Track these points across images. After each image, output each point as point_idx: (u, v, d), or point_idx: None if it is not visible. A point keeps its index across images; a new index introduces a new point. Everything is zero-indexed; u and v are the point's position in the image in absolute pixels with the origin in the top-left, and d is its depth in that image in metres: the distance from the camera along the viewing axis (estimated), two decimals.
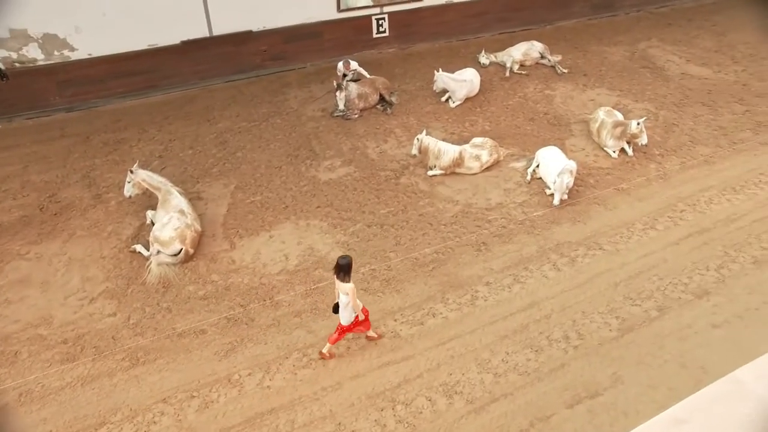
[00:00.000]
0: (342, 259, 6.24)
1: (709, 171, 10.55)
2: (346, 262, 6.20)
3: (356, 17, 14.10)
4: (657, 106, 12.78)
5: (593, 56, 15.30)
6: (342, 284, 6.29)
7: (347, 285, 6.26)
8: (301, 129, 11.55)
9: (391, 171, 10.22)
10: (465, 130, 11.47)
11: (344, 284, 6.27)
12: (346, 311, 6.47)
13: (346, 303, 6.38)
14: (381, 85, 12.10)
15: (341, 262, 6.21)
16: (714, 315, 7.54)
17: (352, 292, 6.27)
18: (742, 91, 13.49)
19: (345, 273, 6.24)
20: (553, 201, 9.32)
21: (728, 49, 15.88)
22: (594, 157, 10.75)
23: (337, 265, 6.26)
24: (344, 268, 6.21)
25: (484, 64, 13.94)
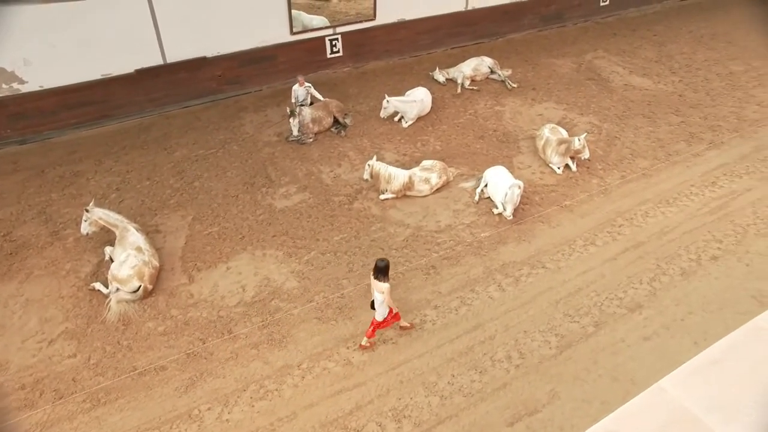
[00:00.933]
0: (380, 262, 6.90)
1: (647, 184, 11.18)
2: (384, 265, 6.88)
3: (309, 39, 14.38)
4: (601, 119, 13.41)
5: (542, 69, 15.89)
6: (378, 284, 6.95)
7: (384, 285, 6.93)
8: (257, 155, 11.80)
9: (344, 196, 10.56)
10: (417, 151, 11.88)
11: (381, 284, 6.94)
12: (381, 308, 7.16)
13: (382, 301, 7.09)
14: (335, 108, 12.42)
15: (380, 264, 6.88)
16: (645, 328, 8.10)
17: (387, 291, 6.95)
18: (678, 102, 14.23)
19: (382, 274, 6.91)
20: (504, 214, 9.79)
21: (667, 59, 16.68)
22: (540, 175, 11.27)
23: (375, 267, 6.90)
24: (382, 270, 6.89)
25: (441, 81, 14.38)
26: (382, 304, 7.12)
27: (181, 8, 12.47)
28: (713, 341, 7.98)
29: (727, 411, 6.88)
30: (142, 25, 12.30)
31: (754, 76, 15.45)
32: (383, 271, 6.89)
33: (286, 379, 7.46)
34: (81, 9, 11.47)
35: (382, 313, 7.24)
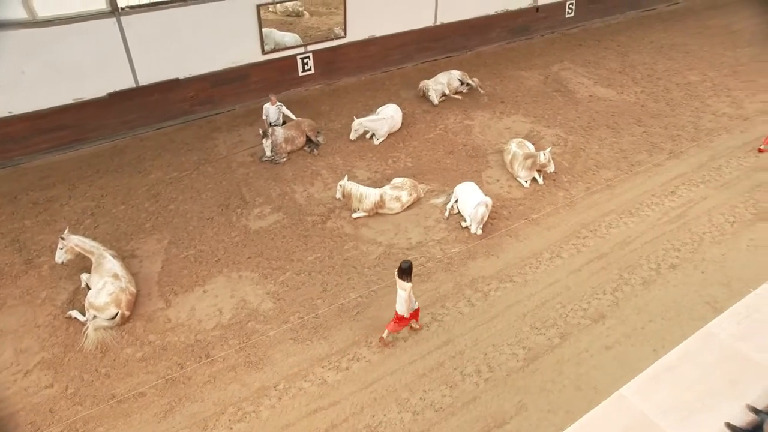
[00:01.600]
0: (404, 263, 7.52)
1: (611, 195, 11.62)
2: (408, 266, 7.49)
3: (281, 58, 14.60)
4: (567, 131, 13.85)
5: (510, 81, 16.33)
6: (402, 283, 7.56)
7: (407, 284, 7.54)
8: (231, 176, 11.97)
9: (318, 215, 10.79)
10: (388, 168, 12.17)
11: (404, 283, 7.54)
12: (404, 303, 7.68)
13: (405, 298, 7.63)
14: (307, 127, 12.65)
15: (403, 266, 7.50)
16: (607, 337, 8.48)
17: (409, 289, 7.57)
18: (640, 112, 14.77)
19: (406, 275, 7.50)
20: (471, 231, 10.12)
21: (630, 69, 17.26)
22: (508, 189, 11.64)
23: (399, 269, 7.53)
24: (406, 271, 7.49)
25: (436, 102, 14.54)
26: (405, 300, 7.67)
27: (152, 31, 12.59)
28: (670, 348, 8.50)
29: (680, 414, 7.29)
30: (113, 48, 12.39)
31: (710, 86, 16.09)
32: (407, 271, 7.49)
33: (263, 400, 7.66)
34: (50, 35, 11.53)
35: (403, 308, 7.76)
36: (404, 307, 7.75)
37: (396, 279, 7.65)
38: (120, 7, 12.17)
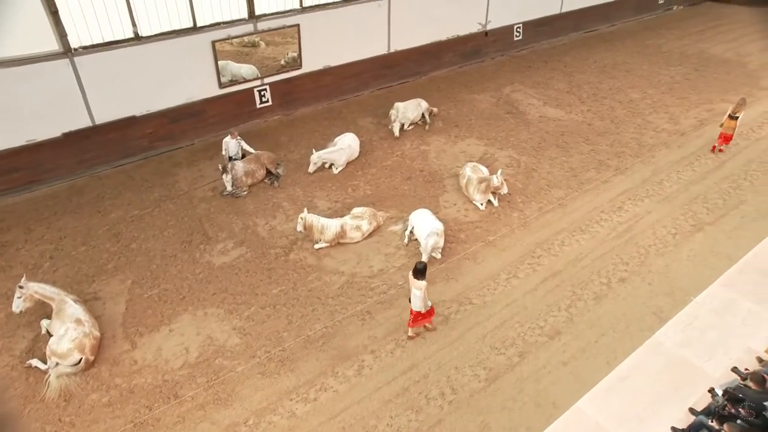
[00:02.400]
0: (419, 264, 8.18)
1: (562, 213, 12.16)
2: (422, 267, 8.17)
3: (238, 91, 14.82)
4: (519, 152, 14.43)
5: (463, 105, 16.92)
6: (416, 281, 8.23)
7: (421, 283, 8.22)
8: (193, 212, 12.04)
9: (280, 248, 10.96)
10: (348, 197, 12.45)
11: (418, 282, 8.21)
12: (420, 301, 8.36)
13: (420, 296, 8.31)
14: (266, 160, 12.84)
15: (419, 266, 8.16)
16: (564, 353, 8.89)
17: (424, 288, 8.26)
18: (587, 131, 15.51)
19: (421, 274, 8.17)
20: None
21: (577, 89, 18.11)
22: (464, 212, 12.06)
23: (414, 269, 8.19)
24: (421, 271, 8.17)
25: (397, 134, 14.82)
26: (420, 298, 8.35)
27: (106, 70, 12.65)
28: (622, 359, 8.99)
29: (633, 423, 7.73)
30: (67, 89, 12.39)
31: (650, 103, 17.03)
32: (421, 271, 8.18)
33: None
34: (1, 76, 11.46)
35: (419, 305, 8.44)
36: (420, 304, 8.44)
37: (410, 279, 8.35)
38: (73, 48, 12.20)
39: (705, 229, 11.59)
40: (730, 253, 10.83)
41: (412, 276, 8.27)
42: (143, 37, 12.93)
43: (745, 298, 9.58)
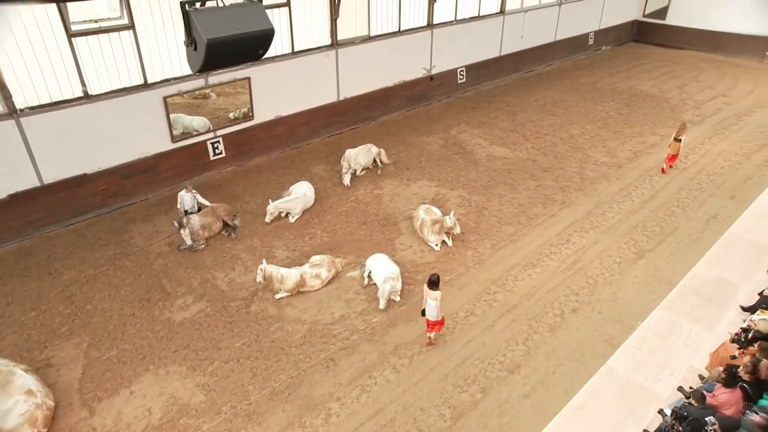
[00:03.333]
0: (433, 276, 9.13)
1: (514, 249, 12.67)
2: (436, 278, 9.11)
3: (191, 144, 14.91)
4: (469, 191, 15.00)
5: (414, 148, 17.49)
6: (431, 292, 9.12)
7: (436, 293, 9.10)
8: (150, 268, 11.92)
9: (241, 300, 10.97)
10: (305, 245, 12.62)
11: (433, 292, 9.10)
12: (434, 311, 9.24)
13: (435, 305, 9.16)
14: (222, 212, 12.91)
15: (433, 278, 9.11)
16: (524, 386, 9.19)
17: (439, 297, 9.13)
18: (533, 167, 16.30)
19: (435, 285, 9.08)
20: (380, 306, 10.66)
21: (520, 127, 19.05)
22: (420, 254, 12.41)
23: (429, 281, 9.12)
24: (435, 282, 9.09)
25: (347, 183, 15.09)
26: (435, 308, 9.19)
27: (54, 129, 12.55)
28: (579, 388, 9.37)
29: None
30: (13, 150, 12.19)
31: (588, 138, 18.10)
32: (435, 282, 9.09)
33: None
34: None
35: (435, 314, 9.30)
36: (435, 313, 9.29)
37: (426, 291, 9.23)
38: (18, 109, 12.10)
39: (646, 256, 12.31)
40: (670, 278, 11.54)
41: (427, 287, 9.18)
42: (93, 96, 12.95)
43: (685, 320, 10.20)
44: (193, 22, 5.45)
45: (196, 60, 5.86)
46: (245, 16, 5.62)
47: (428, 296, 9.19)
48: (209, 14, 5.49)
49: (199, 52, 5.59)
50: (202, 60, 5.71)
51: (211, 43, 5.43)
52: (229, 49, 5.58)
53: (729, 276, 11.44)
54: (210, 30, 5.38)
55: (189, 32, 5.61)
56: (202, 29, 5.37)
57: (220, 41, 5.41)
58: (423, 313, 9.52)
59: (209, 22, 5.44)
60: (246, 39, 5.70)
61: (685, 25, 28.24)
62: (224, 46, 5.51)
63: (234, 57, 5.96)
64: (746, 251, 12.26)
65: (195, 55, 5.74)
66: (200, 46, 5.54)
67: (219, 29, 5.43)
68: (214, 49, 5.47)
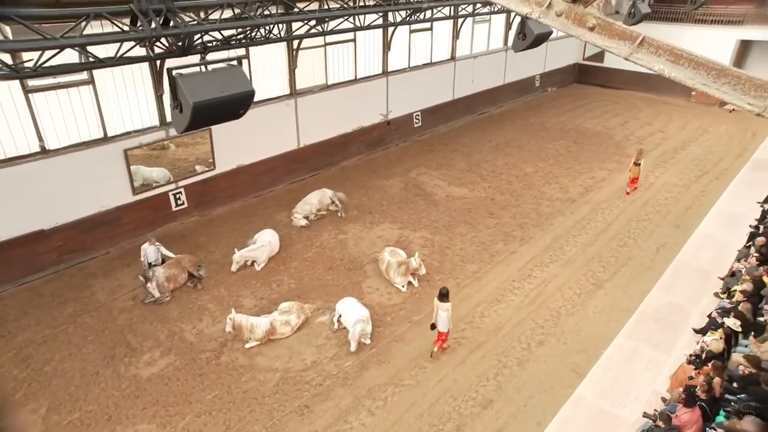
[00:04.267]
0: (443, 289, 10.17)
1: (479, 286, 13.00)
2: (446, 291, 10.17)
3: (153, 196, 14.82)
4: (432, 232, 15.37)
5: (375, 192, 17.85)
6: (442, 304, 10.07)
7: (447, 304, 10.08)
8: (113, 324, 11.63)
9: (210, 351, 10.82)
10: (273, 292, 12.61)
11: (444, 304, 10.07)
12: (446, 321, 10.23)
13: (446, 316, 10.15)
14: (187, 263, 12.80)
15: (443, 291, 10.14)
16: (497, 420, 9.35)
17: (449, 308, 10.14)
18: (491, 206, 16.87)
19: (446, 297, 10.06)
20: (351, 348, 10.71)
21: (476, 167, 19.74)
22: (388, 295, 12.57)
23: (439, 294, 10.13)
24: (445, 295, 10.08)
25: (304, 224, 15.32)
26: (446, 318, 10.17)
27: (10, 186, 12.27)
28: (550, 419, 9.58)
29: None
30: None
31: (542, 175, 18.92)
32: (445, 295, 10.09)
33: None
34: None
35: (446, 325, 10.27)
36: (446, 324, 10.24)
37: (437, 303, 10.13)
38: None
39: (604, 286, 12.85)
40: (627, 305, 12.06)
41: (438, 300, 10.10)
42: (51, 151, 12.82)
43: (645, 345, 10.66)
44: (179, 87, 5.71)
45: (181, 121, 6.11)
46: (227, 79, 5.94)
47: (439, 308, 10.12)
48: (194, 79, 5.77)
49: (185, 114, 5.85)
50: (187, 121, 5.97)
51: (197, 106, 5.72)
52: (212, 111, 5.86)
53: (680, 301, 12.06)
54: (195, 93, 5.65)
55: (175, 96, 5.87)
56: (188, 93, 5.63)
57: (205, 104, 5.70)
58: (432, 327, 10.40)
59: (194, 86, 5.72)
60: (229, 101, 5.99)
61: (620, 67, 30.13)
62: (209, 108, 5.79)
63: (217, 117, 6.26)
64: (693, 277, 12.98)
65: (180, 117, 5.98)
66: (186, 109, 5.81)
67: (204, 92, 5.71)
68: (199, 111, 5.76)
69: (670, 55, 4.01)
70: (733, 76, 3.91)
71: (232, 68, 6.20)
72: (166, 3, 5.65)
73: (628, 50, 4.11)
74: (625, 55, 4.10)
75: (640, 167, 17.41)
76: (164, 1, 5.63)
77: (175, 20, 5.78)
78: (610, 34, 4.14)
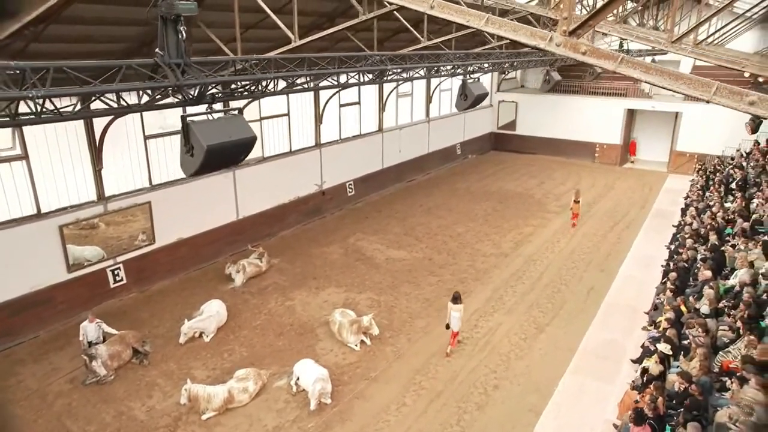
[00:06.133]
0: (456, 293, 12.18)
1: (429, 340, 13.32)
2: (459, 294, 12.17)
3: (89, 273, 14.24)
4: (377, 293, 15.69)
5: (316, 258, 18.06)
6: (455, 306, 12.02)
7: (459, 306, 12.03)
8: (49, 411, 10.79)
9: (164, 427, 10.28)
10: (225, 362, 12.29)
11: (457, 305, 12.01)
12: (458, 322, 12.20)
13: (457, 317, 12.10)
14: (132, 339, 12.27)
15: (456, 295, 12.13)
16: None
17: (461, 310, 12.10)
18: (430, 265, 17.54)
19: (458, 300, 12.02)
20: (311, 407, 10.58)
21: (411, 230, 20.55)
22: (342, 355, 12.60)
23: (453, 297, 12.10)
24: (458, 297, 12.06)
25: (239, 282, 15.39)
26: (458, 319, 12.09)
27: None
28: None
29: None
30: None
31: (474, 234, 20.02)
32: (458, 298, 12.04)
33: None
34: None
35: (458, 325, 12.25)
36: (458, 324, 12.18)
37: (450, 306, 12.08)
38: None
39: (546, 330, 13.60)
40: (569, 345, 12.82)
41: (451, 303, 11.99)
42: None
43: (590, 379, 11.37)
44: (192, 132, 6.13)
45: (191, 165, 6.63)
46: (233, 126, 6.37)
47: (452, 310, 11.94)
48: (205, 125, 6.14)
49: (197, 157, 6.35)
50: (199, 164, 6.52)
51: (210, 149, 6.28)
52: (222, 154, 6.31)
53: (615, 336, 13.02)
54: (208, 138, 6.02)
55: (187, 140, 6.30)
56: (201, 137, 5.99)
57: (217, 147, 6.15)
58: (447, 327, 12.31)
59: (206, 131, 6.09)
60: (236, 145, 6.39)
61: (531, 134, 33.08)
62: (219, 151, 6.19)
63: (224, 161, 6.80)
64: (623, 314, 14.12)
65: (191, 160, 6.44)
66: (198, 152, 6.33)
67: (215, 137, 6.10)
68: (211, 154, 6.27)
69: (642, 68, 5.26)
70: (686, 78, 5.13)
71: (236, 117, 6.61)
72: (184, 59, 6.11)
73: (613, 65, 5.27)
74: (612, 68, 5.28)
75: (579, 204, 20.66)
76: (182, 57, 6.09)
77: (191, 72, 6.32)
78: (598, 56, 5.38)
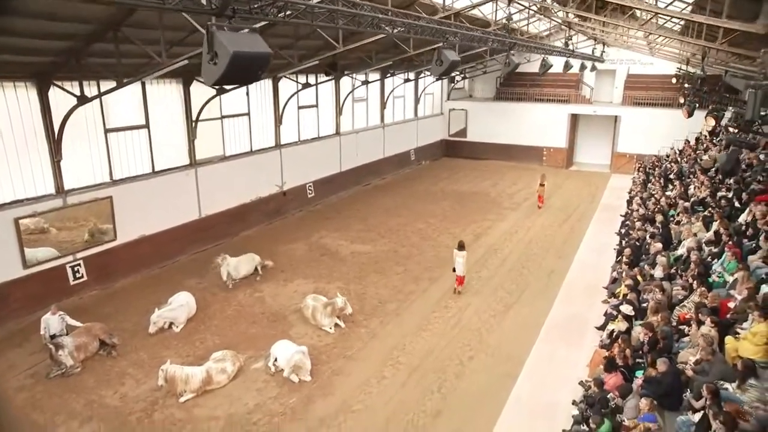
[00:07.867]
0: (461, 242, 14.40)
1: (401, 321, 13.55)
2: (463, 243, 14.37)
3: (47, 269, 13.70)
4: (345, 282, 15.80)
5: (282, 255, 17.99)
6: (459, 252, 14.13)
7: (462, 252, 14.17)
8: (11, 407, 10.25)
9: (141, 411, 9.98)
10: (198, 349, 12.06)
11: (461, 251, 14.12)
12: (462, 266, 14.27)
13: (461, 262, 14.21)
14: (99, 330, 11.84)
15: (461, 243, 14.32)
16: (450, 425, 9.68)
17: (465, 256, 14.26)
18: (395, 257, 17.83)
19: (462, 247, 14.18)
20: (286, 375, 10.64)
21: (374, 227, 20.82)
22: (318, 338, 12.62)
23: (458, 245, 14.35)
24: (462, 245, 14.20)
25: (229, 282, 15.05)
26: (462, 264, 14.22)
27: None
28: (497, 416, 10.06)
29: None
30: None
31: (435, 229, 20.55)
32: (462, 246, 14.25)
33: None
34: None
35: (463, 270, 14.34)
36: (463, 269, 14.29)
37: (455, 253, 14.26)
38: None
39: (513, 308, 14.10)
40: (536, 321, 13.36)
41: (457, 250, 14.17)
42: None
43: (560, 347, 11.89)
44: (217, 38, 6.20)
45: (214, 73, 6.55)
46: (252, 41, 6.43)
47: (457, 256, 14.10)
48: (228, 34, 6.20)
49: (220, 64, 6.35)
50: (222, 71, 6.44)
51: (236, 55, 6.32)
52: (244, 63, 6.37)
53: (579, 310, 13.69)
54: (233, 44, 6.07)
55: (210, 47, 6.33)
56: (227, 43, 6.03)
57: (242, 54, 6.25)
58: (453, 270, 14.48)
59: (231, 39, 6.13)
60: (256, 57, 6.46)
61: (481, 141, 34.19)
62: (243, 59, 6.27)
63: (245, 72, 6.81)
64: (583, 291, 14.85)
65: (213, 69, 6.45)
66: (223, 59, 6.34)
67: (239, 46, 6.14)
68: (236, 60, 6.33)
69: None
70: None
71: (253, 33, 6.70)
72: None
73: None
74: None
75: (545, 188, 23.20)
76: None
77: None
78: None
